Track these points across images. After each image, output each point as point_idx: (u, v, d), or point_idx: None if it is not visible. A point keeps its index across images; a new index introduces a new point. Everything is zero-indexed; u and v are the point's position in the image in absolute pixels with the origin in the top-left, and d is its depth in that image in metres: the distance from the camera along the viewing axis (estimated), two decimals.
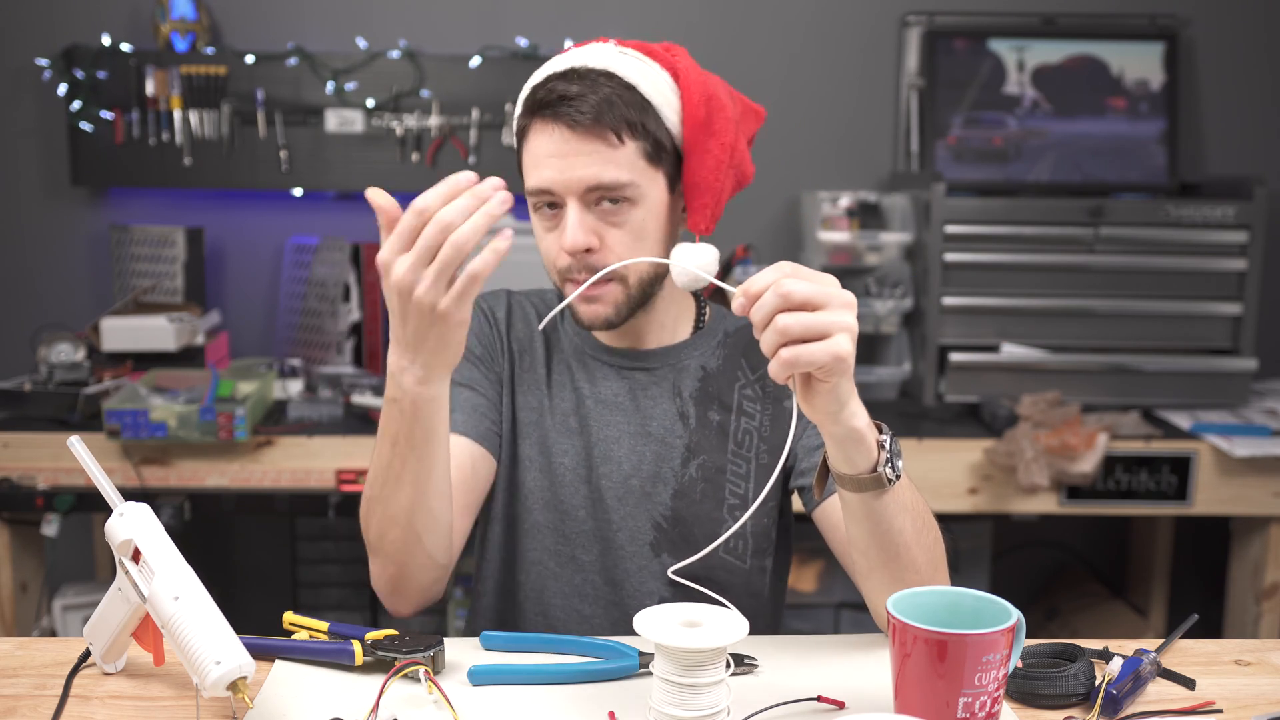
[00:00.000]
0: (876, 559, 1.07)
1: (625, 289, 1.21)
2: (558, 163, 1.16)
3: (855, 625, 2.67)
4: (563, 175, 1.16)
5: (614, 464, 1.26)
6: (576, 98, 1.15)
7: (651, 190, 1.19)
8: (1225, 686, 1.07)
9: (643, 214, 1.19)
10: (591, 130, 1.15)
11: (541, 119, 1.18)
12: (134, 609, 1.00)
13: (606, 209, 1.17)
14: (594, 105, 1.15)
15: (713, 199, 1.20)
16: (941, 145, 2.82)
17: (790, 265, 0.95)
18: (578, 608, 1.27)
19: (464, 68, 2.79)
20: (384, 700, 0.99)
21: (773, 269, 0.94)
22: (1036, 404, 2.38)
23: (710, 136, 1.18)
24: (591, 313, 1.22)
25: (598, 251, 1.18)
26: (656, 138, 1.18)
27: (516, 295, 1.37)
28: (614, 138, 1.16)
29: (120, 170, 2.79)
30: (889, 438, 1.01)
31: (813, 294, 0.92)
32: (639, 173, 1.17)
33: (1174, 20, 2.86)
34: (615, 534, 1.26)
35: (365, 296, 2.77)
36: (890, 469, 1.00)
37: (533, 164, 1.19)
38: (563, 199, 1.17)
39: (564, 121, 1.16)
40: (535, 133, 1.19)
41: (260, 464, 2.31)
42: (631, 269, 1.20)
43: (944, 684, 0.89)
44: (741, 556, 1.27)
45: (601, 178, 1.15)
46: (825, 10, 2.90)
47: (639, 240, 1.19)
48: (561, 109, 1.16)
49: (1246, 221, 2.50)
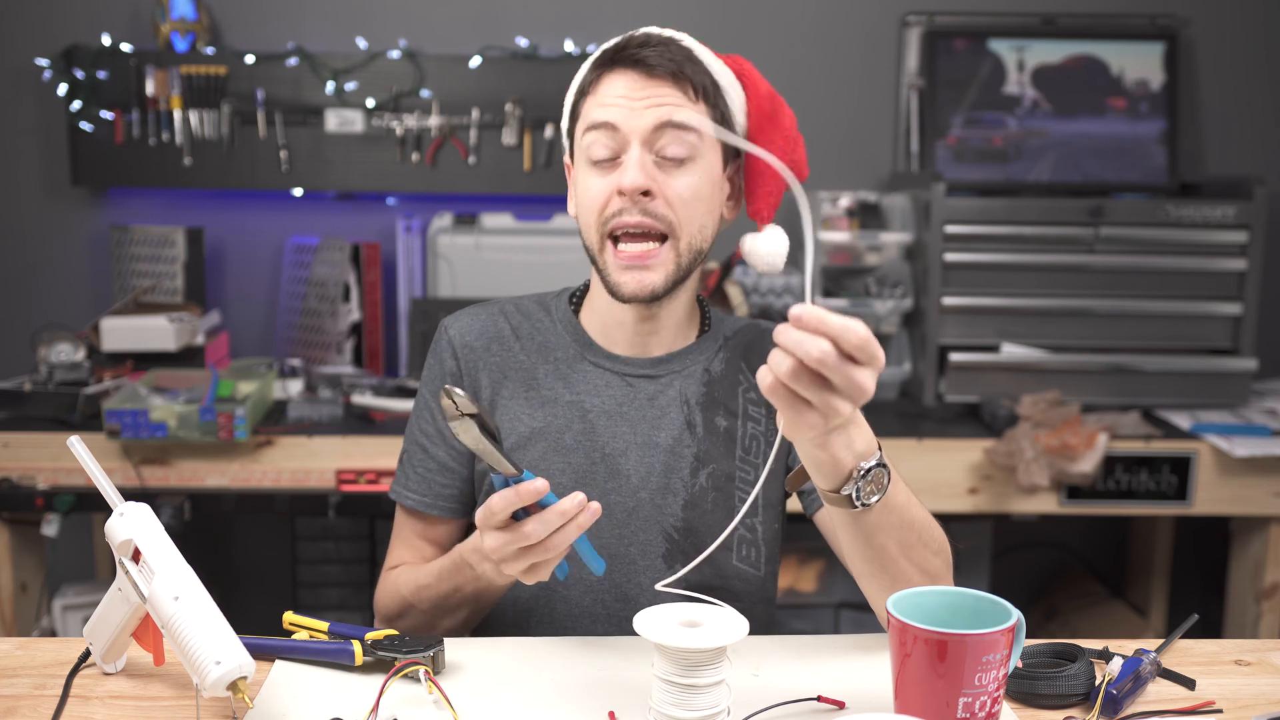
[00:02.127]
0: (862, 568, 1.07)
1: (676, 255, 1.18)
2: (628, 102, 1.16)
3: (855, 625, 2.67)
4: (633, 114, 1.15)
5: (622, 477, 1.23)
6: (658, 46, 1.17)
7: (710, 157, 1.19)
8: (1225, 686, 1.07)
9: (699, 176, 1.18)
10: (669, 79, 1.16)
11: (616, 68, 1.18)
12: (134, 609, 1.00)
13: (666, 162, 1.16)
14: (675, 56, 1.16)
15: (775, 187, 1.20)
16: (941, 145, 2.82)
17: (864, 333, 0.85)
18: (589, 627, 1.24)
19: (464, 68, 2.79)
20: (384, 700, 0.99)
21: (846, 326, 0.85)
22: (1036, 404, 2.38)
23: (776, 129, 1.20)
24: (638, 282, 1.18)
25: (655, 198, 1.16)
26: (723, 113, 1.19)
27: (489, 308, 1.32)
28: (691, 90, 1.16)
29: (120, 170, 2.79)
30: (870, 466, 0.96)
31: (837, 378, 0.86)
32: (705, 133, 1.17)
33: (1174, 20, 2.86)
34: (627, 548, 1.23)
35: (365, 296, 2.77)
36: (856, 493, 0.97)
37: (597, 104, 1.18)
38: (626, 142, 1.16)
39: (640, 69, 1.16)
40: (606, 80, 1.18)
41: (260, 464, 2.31)
42: (682, 231, 1.17)
43: (944, 684, 0.89)
44: (755, 564, 1.26)
45: (675, 115, 1.15)
46: (825, 10, 2.90)
47: (696, 199, 1.18)
48: (642, 55, 1.16)
49: (1246, 221, 2.50)
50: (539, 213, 2.76)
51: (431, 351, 1.31)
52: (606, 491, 1.23)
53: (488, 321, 1.30)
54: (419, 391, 1.32)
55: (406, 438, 1.31)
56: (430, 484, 1.28)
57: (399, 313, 2.80)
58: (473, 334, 1.29)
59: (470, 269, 2.67)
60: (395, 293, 2.83)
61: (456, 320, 1.31)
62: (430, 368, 1.31)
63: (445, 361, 1.29)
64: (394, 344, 2.87)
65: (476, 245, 2.68)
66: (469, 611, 1.20)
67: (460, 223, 2.73)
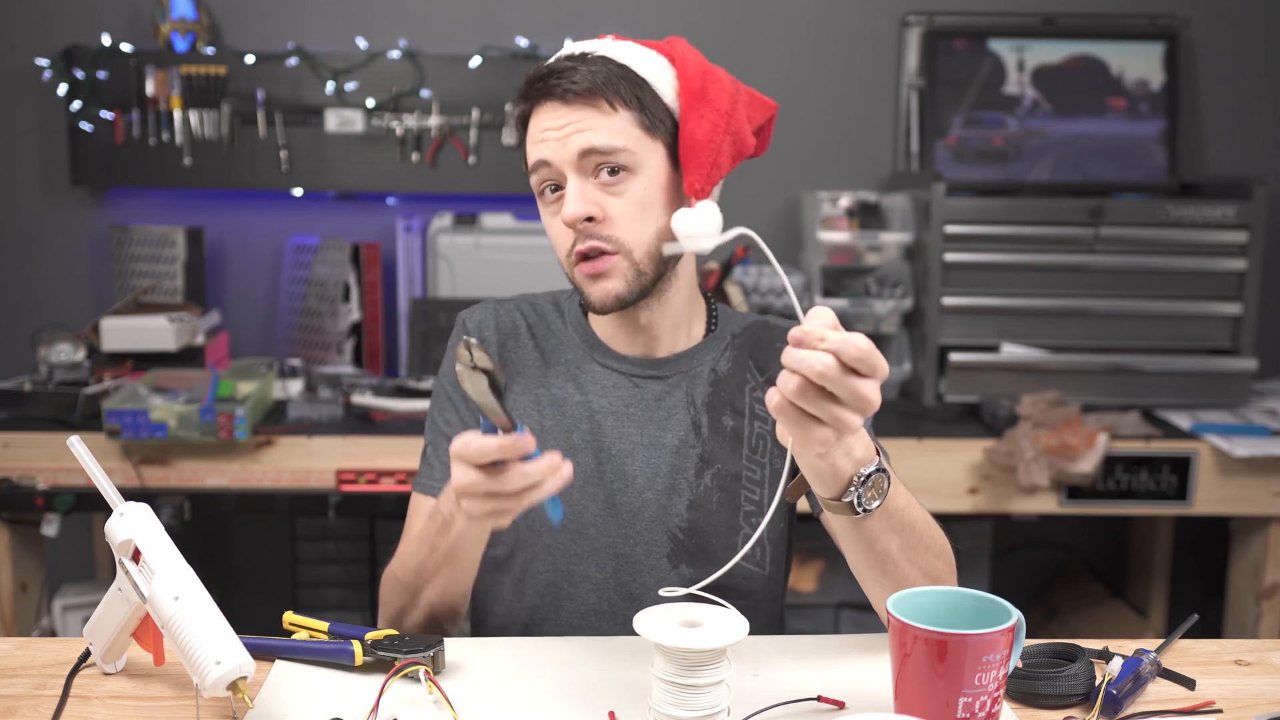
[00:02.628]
0: (866, 573, 1.08)
1: (632, 264, 1.18)
2: (554, 134, 1.17)
3: (855, 625, 2.67)
4: (559, 145, 1.17)
5: (628, 477, 1.24)
6: (567, 71, 1.17)
7: (650, 160, 1.18)
8: (1225, 686, 1.07)
9: (643, 184, 1.18)
10: (583, 99, 1.16)
11: (536, 100, 1.20)
12: (134, 609, 1.00)
13: (606, 180, 1.17)
14: (585, 76, 1.16)
15: (707, 159, 1.17)
16: (941, 145, 2.82)
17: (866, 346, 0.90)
18: (595, 625, 1.25)
19: (464, 68, 2.79)
20: (384, 700, 0.99)
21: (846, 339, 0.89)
22: (1036, 404, 2.38)
23: (705, 103, 1.18)
24: (601, 291, 1.19)
25: (600, 221, 1.17)
26: (653, 110, 1.18)
27: (505, 305, 1.34)
28: (606, 105, 1.16)
29: (120, 170, 2.79)
30: (870, 471, 0.99)
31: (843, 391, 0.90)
32: (634, 140, 1.17)
33: (1174, 20, 2.86)
34: (632, 548, 1.24)
35: (365, 296, 2.77)
36: (857, 500, 0.99)
37: (531, 144, 1.20)
38: (561, 174, 1.17)
39: (555, 96, 1.17)
40: (533, 115, 1.21)
41: (260, 464, 2.31)
42: (635, 242, 1.18)
43: (944, 684, 0.89)
44: (761, 564, 1.26)
45: (594, 142, 1.15)
46: (825, 10, 2.90)
47: (643, 210, 1.18)
48: (553, 83, 1.17)
49: (1246, 221, 2.50)
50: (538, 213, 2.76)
51: (450, 343, 1.33)
52: (613, 491, 1.24)
53: (504, 317, 1.33)
54: (437, 384, 1.32)
55: (429, 432, 1.30)
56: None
57: (399, 313, 2.80)
58: (490, 327, 1.32)
59: (470, 269, 2.67)
60: (395, 293, 2.83)
61: (474, 314, 1.33)
62: (448, 359, 1.31)
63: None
64: (394, 344, 2.87)
65: (476, 245, 2.68)
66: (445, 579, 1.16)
67: (460, 223, 2.73)
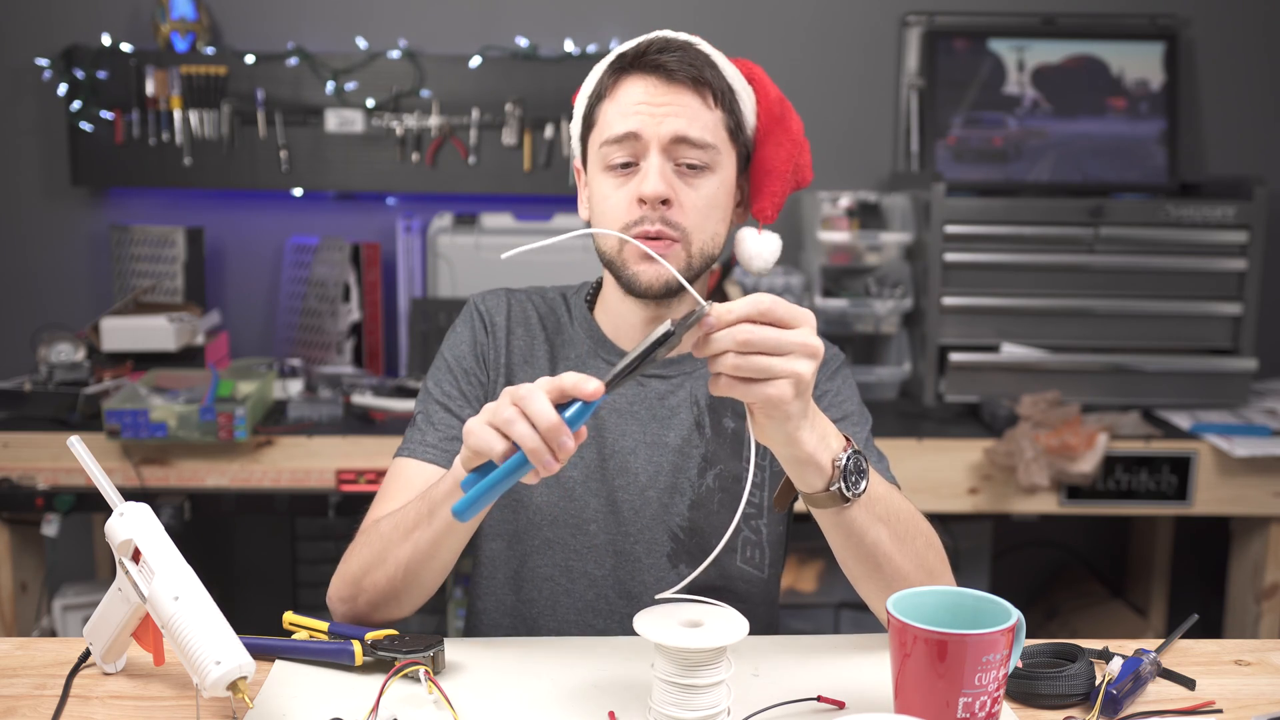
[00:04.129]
0: (858, 570, 1.08)
1: (688, 255, 1.19)
2: (649, 109, 1.16)
3: (855, 625, 2.67)
4: (654, 121, 1.15)
5: (630, 475, 1.24)
6: (677, 51, 1.17)
7: (727, 164, 1.20)
8: (1225, 686, 1.07)
9: (717, 184, 1.19)
10: (688, 85, 1.16)
11: (634, 73, 1.18)
12: (134, 609, 1.00)
13: (684, 170, 1.17)
14: (693, 61, 1.17)
15: (781, 187, 1.22)
16: (941, 145, 2.82)
17: (768, 300, 0.92)
18: (591, 622, 1.25)
19: (464, 68, 2.79)
20: (384, 700, 0.99)
21: (749, 301, 0.91)
22: (1036, 404, 2.38)
23: (784, 131, 1.22)
24: (653, 273, 1.18)
25: (672, 207, 1.16)
26: (738, 118, 1.20)
27: (517, 295, 1.34)
28: (710, 97, 1.17)
29: (120, 170, 2.79)
30: (849, 455, 1.00)
31: (773, 343, 0.91)
32: (721, 141, 1.18)
33: (1174, 20, 2.86)
34: (632, 546, 1.24)
35: (365, 296, 2.77)
36: (845, 486, 0.99)
37: (618, 113, 1.18)
38: (645, 149, 1.16)
39: (660, 74, 1.16)
40: (625, 85, 1.18)
41: (260, 464, 2.31)
42: (695, 237, 1.18)
43: (944, 684, 0.89)
44: (760, 566, 1.27)
45: (690, 132, 1.15)
46: (825, 10, 2.90)
47: (712, 208, 1.19)
48: (661, 60, 1.16)
49: (1246, 221, 2.50)
50: (539, 213, 2.76)
51: (461, 319, 1.32)
52: (614, 489, 1.24)
53: (516, 306, 1.33)
54: (439, 355, 1.31)
55: (423, 401, 1.28)
56: (454, 442, 1.24)
57: (399, 313, 2.80)
58: (502, 314, 1.32)
59: (470, 269, 2.67)
60: (395, 293, 2.83)
61: (486, 299, 1.33)
62: (456, 333, 1.31)
63: (475, 330, 1.30)
64: (394, 344, 2.87)
65: (476, 245, 2.68)
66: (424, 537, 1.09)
67: (460, 223, 2.73)
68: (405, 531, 1.11)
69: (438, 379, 1.29)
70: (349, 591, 1.16)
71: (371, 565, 1.14)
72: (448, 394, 1.27)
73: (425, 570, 1.12)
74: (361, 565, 1.15)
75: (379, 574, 1.13)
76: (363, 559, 1.15)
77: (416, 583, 1.13)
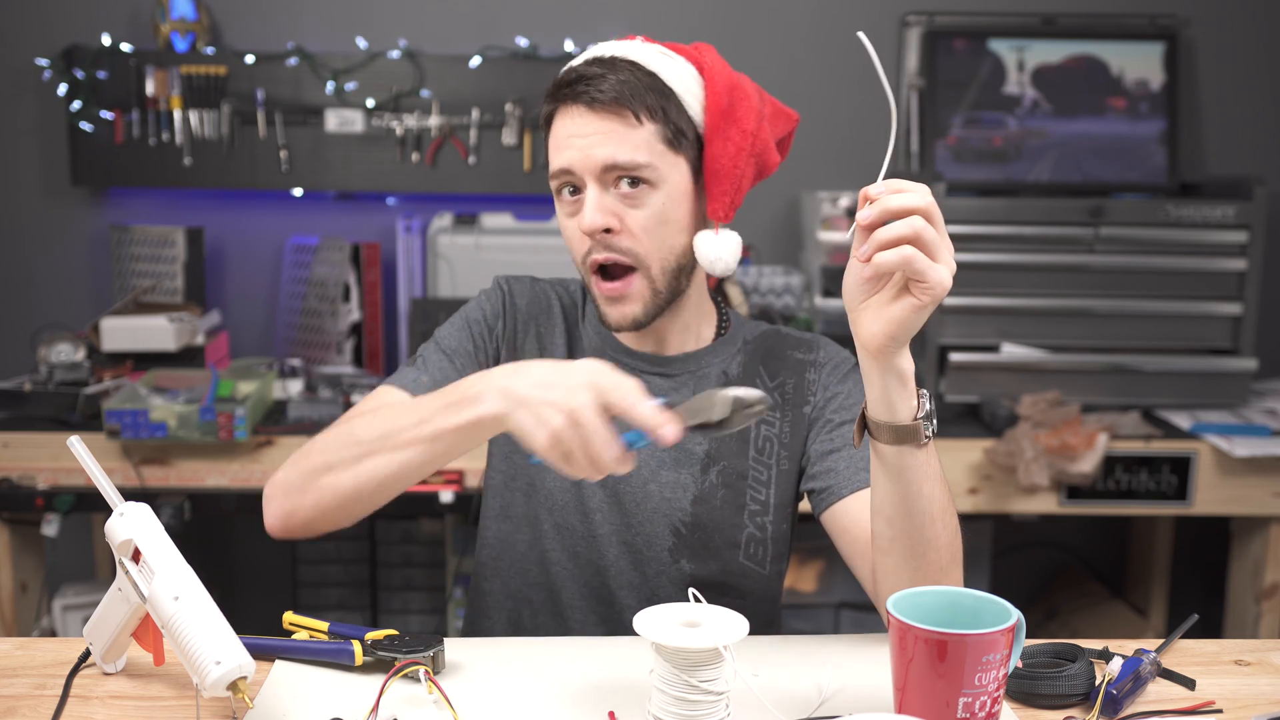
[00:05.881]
0: (902, 527, 1.05)
1: (649, 281, 1.20)
2: (578, 142, 1.17)
3: (855, 625, 2.67)
4: (582, 154, 1.16)
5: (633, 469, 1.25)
6: (596, 78, 1.17)
7: (672, 175, 1.19)
8: (1225, 686, 1.07)
9: (663, 198, 1.18)
10: (609, 109, 1.16)
11: (563, 102, 1.19)
12: (134, 609, 1.00)
13: (626, 191, 1.17)
14: (612, 85, 1.16)
15: (732, 186, 1.19)
16: (941, 145, 2.82)
17: (930, 200, 1.02)
18: (595, 609, 1.27)
19: (464, 68, 2.79)
20: (384, 700, 0.99)
21: (919, 194, 1.02)
22: (1036, 404, 2.38)
23: (732, 124, 1.19)
24: (619, 313, 1.21)
25: (618, 233, 1.17)
26: (677, 124, 1.18)
27: (540, 284, 1.35)
28: (632, 117, 1.16)
29: (120, 170, 2.79)
30: (927, 396, 1.03)
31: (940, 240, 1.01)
32: (657, 155, 1.17)
33: (1174, 20, 2.86)
34: (634, 538, 1.25)
35: (365, 296, 2.77)
36: (927, 421, 1.02)
37: (555, 147, 1.20)
38: (583, 181, 1.17)
39: (583, 101, 1.17)
40: (558, 117, 1.20)
41: (260, 464, 2.31)
42: (652, 259, 1.19)
43: (944, 684, 0.89)
44: (762, 563, 1.27)
45: (617, 157, 1.16)
46: (825, 11, 2.90)
47: (661, 225, 1.18)
48: (580, 89, 1.17)
49: (1246, 221, 2.49)
50: (539, 213, 2.76)
51: (486, 293, 1.33)
52: (617, 481, 1.25)
53: (540, 294, 1.34)
54: (460, 312, 1.32)
55: (429, 345, 1.28)
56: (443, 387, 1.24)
57: (399, 313, 2.80)
58: (526, 299, 1.33)
59: (470, 269, 2.67)
60: (395, 293, 2.83)
61: (511, 281, 1.35)
62: (479, 301, 1.32)
63: (496, 304, 1.31)
64: (394, 344, 2.87)
65: (476, 245, 2.68)
66: (415, 456, 1.05)
67: (460, 223, 2.73)
68: (395, 445, 1.05)
69: (450, 331, 1.29)
70: (301, 483, 1.10)
71: (338, 465, 1.08)
72: (455, 347, 1.27)
73: (396, 487, 1.08)
74: (326, 462, 1.09)
75: (344, 476, 1.07)
76: (329, 456, 1.09)
77: (381, 497, 1.09)
